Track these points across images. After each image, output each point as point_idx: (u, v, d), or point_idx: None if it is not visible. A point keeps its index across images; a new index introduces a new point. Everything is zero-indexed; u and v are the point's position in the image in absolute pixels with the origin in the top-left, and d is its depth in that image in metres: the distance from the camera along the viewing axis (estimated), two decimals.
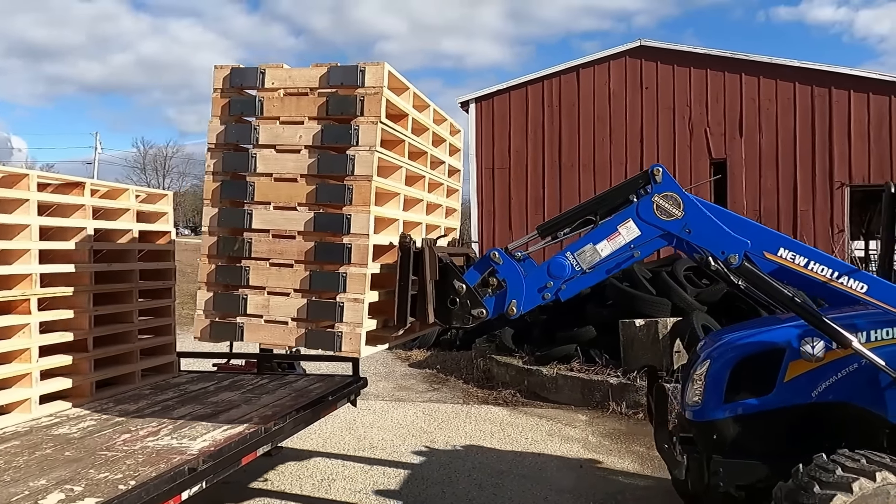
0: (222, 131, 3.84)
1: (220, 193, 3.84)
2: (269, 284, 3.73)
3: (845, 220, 15.04)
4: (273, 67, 3.82)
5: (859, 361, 3.66)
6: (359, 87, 3.66)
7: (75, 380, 4.59)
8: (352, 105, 3.66)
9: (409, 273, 3.65)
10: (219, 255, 3.83)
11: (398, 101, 3.94)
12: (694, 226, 3.63)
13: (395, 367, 11.13)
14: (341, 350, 3.61)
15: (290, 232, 3.72)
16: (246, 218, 3.77)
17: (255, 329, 3.75)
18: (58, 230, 4.57)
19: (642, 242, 3.67)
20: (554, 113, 16.53)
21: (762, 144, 15.40)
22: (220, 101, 3.86)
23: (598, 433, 7.32)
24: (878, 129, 14.82)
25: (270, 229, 3.75)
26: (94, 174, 49.16)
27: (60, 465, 3.34)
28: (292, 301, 3.69)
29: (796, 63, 15.33)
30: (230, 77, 3.85)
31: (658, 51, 16.08)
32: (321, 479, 5.87)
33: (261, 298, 3.74)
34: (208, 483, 3.47)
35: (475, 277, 3.79)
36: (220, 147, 3.87)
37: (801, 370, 3.78)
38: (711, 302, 8.83)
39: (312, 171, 3.72)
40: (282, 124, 3.78)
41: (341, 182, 3.67)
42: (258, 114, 3.80)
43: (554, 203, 16.29)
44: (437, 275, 3.73)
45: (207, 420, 4.20)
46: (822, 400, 3.76)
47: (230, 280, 3.79)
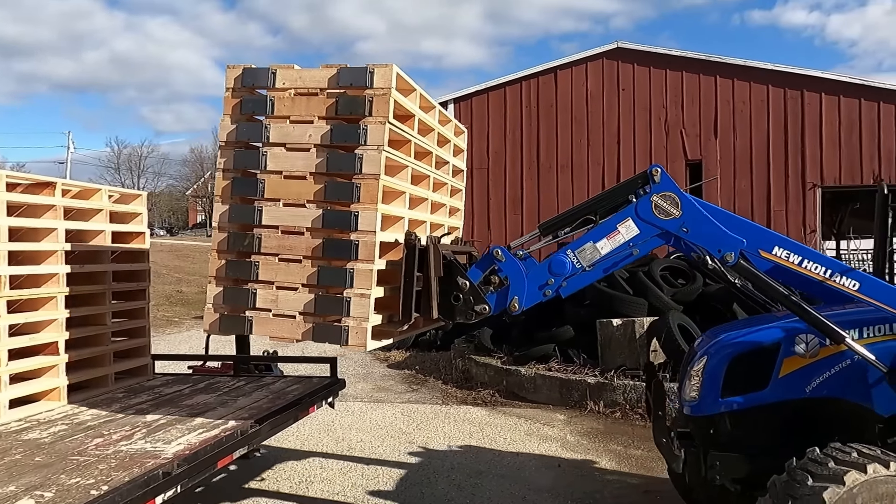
0: (233, 130, 3.94)
1: (230, 190, 3.92)
2: (278, 279, 3.82)
3: (817, 220, 15.33)
4: (284, 68, 3.91)
5: (852, 357, 3.75)
6: (367, 88, 3.76)
7: (46, 383, 4.51)
8: (360, 105, 3.75)
9: (414, 270, 3.74)
10: (229, 250, 3.91)
11: (405, 102, 4.04)
12: (691, 225, 3.72)
13: (374, 368, 11.09)
14: (348, 344, 3.69)
15: (299, 228, 3.81)
16: (256, 214, 3.86)
17: (264, 322, 3.84)
18: (28, 231, 4.48)
19: (641, 241, 3.76)
20: (532, 114, 16.62)
21: (736, 146, 15.63)
22: (231, 101, 3.95)
23: (576, 432, 7.36)
24: (848, 131, 15.12)
25: (280, 225, 3.84)
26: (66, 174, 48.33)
27: (30, 471, 3.27)
28: (300, 296, 3.79)
29: (770, 66, 15.58)
30: (242, 77, 3.94)
31: (634, 53, 16.24)
32: (298, 481, 5.83)
33: (270, 293, 3.83)
34: (183, 487, 3.42)
35: (478, 275, 3.88)
36: (231, 145, 3.95)
37: (795, 366, 3.86)
38: (687, 301, 8.94)
39: (321, 170, 3.81)
40: (292, 123, 3.87)
41: (349, 180, 3.76)
42: (269, 113, 3.89)
43: (532, 203, 16.38)
44: (442, 272, 3.82)
45: (182, 423, 4.16)
46: (816, 395, 3.84)
47: (240, 275, 3.88)
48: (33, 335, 4.45)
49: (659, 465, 6.24)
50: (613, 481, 5.90)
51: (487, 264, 3.88)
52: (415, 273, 3.74)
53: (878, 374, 3.70)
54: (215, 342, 7.26)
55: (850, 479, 3.22)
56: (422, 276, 3.77)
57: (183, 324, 16.86)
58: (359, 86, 3.77)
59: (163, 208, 70.10)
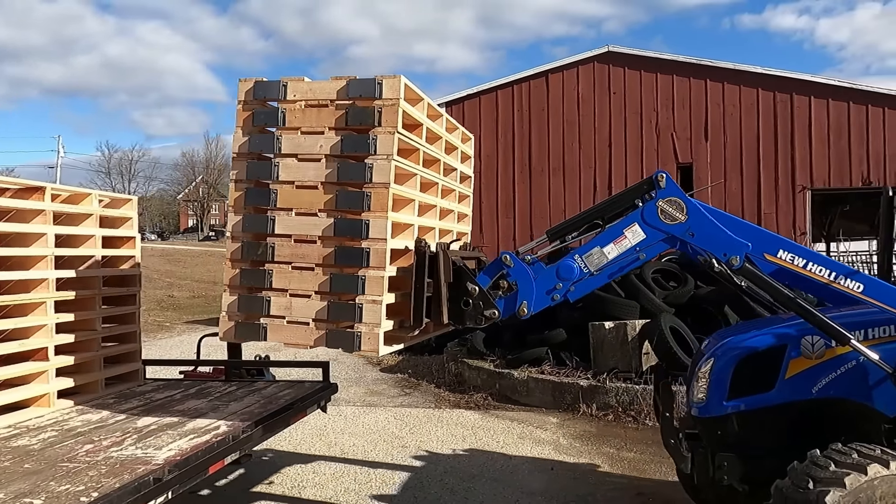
0: (245, 141, 4.03)
1: (244, 200, 4.01)
2: (292, 287, 3.91)
3: (807, 222, 15.41)
4: (295, 80, 3.99)
5: (857, 358, 3.79)
6: (376, 99, 3.84)
7: (35, 389, 4.47)
8: (370, 116, 3.83)
9: (424, 276, 3.83)
10: (243, 259, 4.00)
11: (413, 112, 4.13)
12: (697, 229, 3.79)
13: (367, 373, 11.07)
14: (360, 349, 3.77)
15: (312, 237, 3.90)
16: (269, 223, 3.94)
17: (278, 329, 3.92)
18: (17, 236, 4.45)
19: (647, 245, 3.83)
20: (524, 117, 16.64)
21: (727, 149, 15.71)
22: (243, 113, 4.04)
23: (569, 435, 7.36)
24: (837, 134, 15.22)
25: (292, 234, 3.93)
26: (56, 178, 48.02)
27: (19, 478, 3.24)
28: (313, 303, 3.87)
29: (759, 69, 15.67)
30: (253, 90, 4.02)
31: (625, 56, 16.30)
32: (290, 486, 5.80)
33: (283, 300, 3.91)
34: (174, 493, 3.40)
35: (487, 280, 3.95)
36: (244, 156, 4.04)
37: (801, 367, 3.90)
38: (679, 304, 8.97)
39: (332, 179, 3.89)
40: (303, 134, 3.95)
41: (360, 189, 3.83)
42: (281, 124, 3.97)
43: (524, 206, 16.39)
44: (451, 277, 3.90)
45: (174, 429, 4.12)
46: (822, 396, 3.88)
47: (254, 283, 3.97)
48: (22, 341, 4.41)
49: (651, 468, 6.26)
50: (606, 484, 5.90)
51: (496, 270, 3.96)
52: (425, 279, 3.83)
53: (883, 375, 3.74)
54: (207, 347, 7.25)
55: (850, 482, 3.25)
56: (432, 282, 3.86)
57: (174, 328, 16.74)
58: (368, 97, 3.86)
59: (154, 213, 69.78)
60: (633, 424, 7.62)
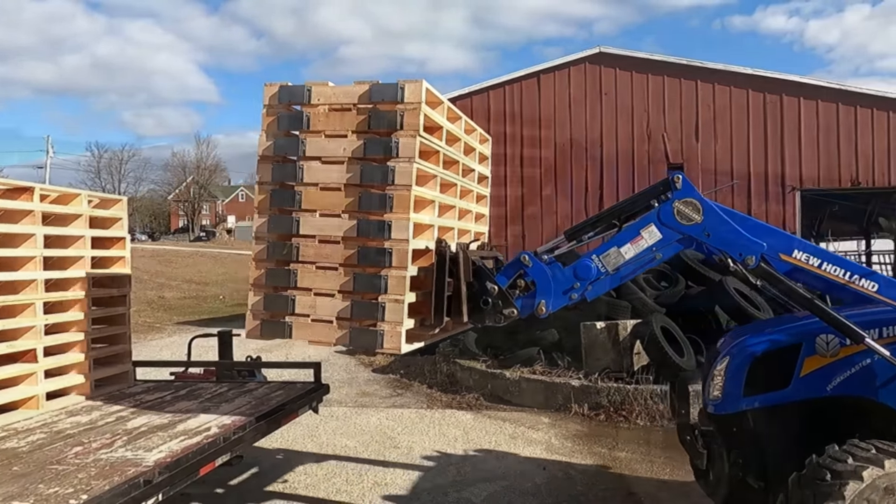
0: (270, 145, 4.10)
1: (268, 202, 4.08)
2: (316, 286, 4.00)
3: (797, 223, 15.50)
4: (318, 85, 4.07)
5: (872, 357, 3.81)
6: (398, 103, 3.91)
7: (24, 391, 4.44)
8: (392, 120, 3.91)
9: (445, 276, 3.93)
10: (268, 259, 4.09)
11: (434, 115, 4.18)
12: (713, 230, 3.85)
13: (358, 374, 11.05)
14: (383, 347, 3.86)
15: (335, 237, 3.99)
16: (294, 224, 4.02)
17: (303, 327, 4.02)
18: (5, 236, 4.42)
19: (664, 245, 3.89)
20: (515, 118, 16.67)
21: (717, 149, 15.79)
22: (268, 118, 4.11)
23: (561, 435, 7.38)
24: (826, 135, 15.32)
25: (317, 235, 4.01)
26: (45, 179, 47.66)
27: (7, 481, 3.22)
28: (337, 301, 3.96)
29: (749, 71, 15.76)
30: (278, 94, 4.10)
31: (617, 57, 16.35)
32: (282, 487, 5.79)
33: (308, 299, 4.00)
34: (165, 495, 3.38)
35: (505, 279, 4.00)
36: (269, 159, 4.12)
37: (816, 365, 3.92)
38: (670, 304, 9.00)
39: (355, 181, 3.96)
40: (327, 137, 4.03)
41: (382, 191, 3.91)
42: (305, 128, 4.05)
43: (516, 207, 16.41)
44: (471, 277, 3.99)
45: (164, 430, 4.11)
46: (837, 394, 3.90)
47: (279, 282, 4.04)
48: (11, 342, 4.39)
49: (643, 467, 6.29)
50: (598, 483, 5.92)
51: (514, 269, 4.02)
52: (445, 279, 3.92)
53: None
54: (198, 348, 7.22)
55: (868, 476, 3.31)
56: (452, 281, 3.94)
57: (165, 329, 16.66)
58: (390, 101, 3.93)
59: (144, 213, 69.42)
60: (624, 424, 7.65)
